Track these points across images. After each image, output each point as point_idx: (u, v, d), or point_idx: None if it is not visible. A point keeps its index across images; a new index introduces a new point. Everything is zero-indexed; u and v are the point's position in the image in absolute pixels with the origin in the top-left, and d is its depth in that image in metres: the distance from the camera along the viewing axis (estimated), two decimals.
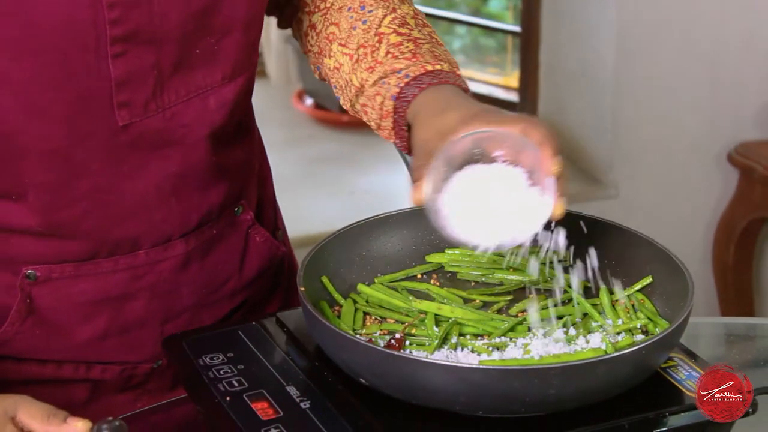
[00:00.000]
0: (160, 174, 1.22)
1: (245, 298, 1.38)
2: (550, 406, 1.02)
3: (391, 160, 3.27)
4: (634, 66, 3.03)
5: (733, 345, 1.56)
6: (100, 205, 1.20)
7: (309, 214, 3.04)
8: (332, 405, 1.06)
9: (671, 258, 1.16)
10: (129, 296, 1.27)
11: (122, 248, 1.24)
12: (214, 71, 1.21)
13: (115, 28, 1.11)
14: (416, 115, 1.19)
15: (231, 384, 1.09)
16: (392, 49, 1.25)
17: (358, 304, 1.20)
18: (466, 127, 1.10)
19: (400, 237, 1.27)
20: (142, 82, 1.15)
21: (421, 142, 1.15)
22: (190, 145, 1.22)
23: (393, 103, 1.22)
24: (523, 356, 1.08)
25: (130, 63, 1.14)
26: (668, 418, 1.05)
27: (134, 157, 1.19)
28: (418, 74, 1.21)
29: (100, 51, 1.11)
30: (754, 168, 2.97)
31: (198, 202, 1.27)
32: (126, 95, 1.15)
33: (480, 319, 1.16)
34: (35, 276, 1.21)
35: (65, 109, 1.13)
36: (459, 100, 1.17)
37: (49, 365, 1.28)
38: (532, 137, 1.07)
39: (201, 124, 1.22)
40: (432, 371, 1.01)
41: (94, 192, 1.19)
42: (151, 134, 1.19)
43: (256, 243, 1.37)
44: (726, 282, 3.13)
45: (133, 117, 1.16)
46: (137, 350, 1.31)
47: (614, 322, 1.15)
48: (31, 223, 1.19)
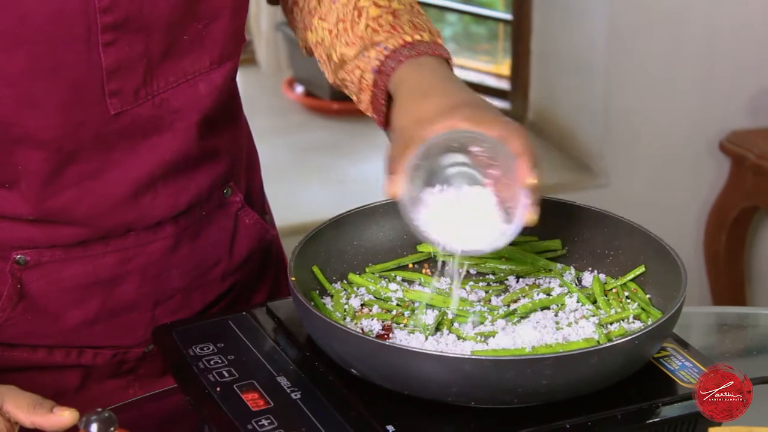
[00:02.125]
0: (151, 160, 1.21)
1: (234, 282, 1.38)
2: (543, 396, 1.02)
3: (382, 148, 3.27)
4: (625, 54, 3.03)
5: (725, 334, 1.56)
6: (90, 192, 1.20)
7: (299, 203, 3.04)
8: (323, 395, 1.05)
9: (664, 247, 1.16)
10: (119, 279, 1.26)
11: (113, 233, 1.24)
12: (203, 57, 1.21)
13: (106, 16, 1.11)
14: (396, 93, 1.18)
15: (221, 374, 1.09)
16: (371, 22, 1.24)
17: (349, 294, 1.19)
18: (445, 120, 1.08)
19: (391, 226, 1.26)
20: (132, 70, 1.15)
21: (399, 128, 1.14)
22: (180, 131, 1.22)
23: (373, 76, 1.21)
24: (515, 345, 1.08)
25: (120, 51, 1.13)
26: (661, 409, 1.04)
27: (125, 144, 1.19)
28: (398, 47, 1.20)
29: (92, 40, 1.11)
30: (746, 156, 2.97)
31: (186, 184, 1.27)
32: (117, 83, 1.15)
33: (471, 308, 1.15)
34: (25, 261, 1.21)
35: (58, 98, 1.13)
36: (440, 84, 1.16)
37: (41, 350, 1.28)
38: (510, 146, 1.06)
39: (191, 110, 1.22)
40: (423, 361, 1.00)
41: (85, 179, 1.19)
42: (141, 121, 1.19)
43: (245, 225, 1.37)
44: (717, 271, 3.13)
45: (123, 105, 1.16)
46: (128, 334, 1.31)
47: (607, 311, 1.14)
48: (23, 211, 1.19)
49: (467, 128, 1.07)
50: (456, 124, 1.08)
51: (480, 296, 1.18)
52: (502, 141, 1.06)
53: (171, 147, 1.22)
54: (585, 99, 3.13)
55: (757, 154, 2.95)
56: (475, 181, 1.09)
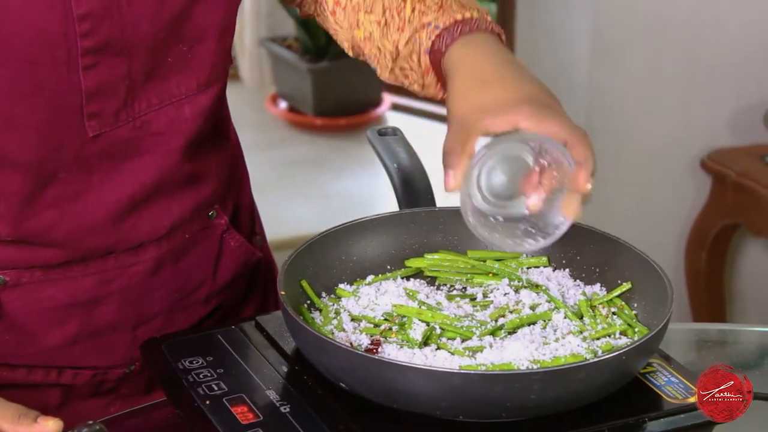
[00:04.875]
0: (132, 183, 1.20)
1: (219, 303, 1.38)
2: (531, 411, 1.02)
3: (366, 163, 3.27)
4: (608, 73, 3.04)
5: (705, 351, 1.57)
6: (69, 215, 1.18)
7: (283, 218, 3.04)
8: (312, 409, 1.06)
9: (651, 264, 1.17)
10: (99, 301, 1.25)
11: (93, 255, 1.23)
12: (189, 79, 1.20)
13: (86, 40, 1.10)
14: (453, 76, 1.16)
15: (210, 388, 1.09)
16: (417, 4, 1.23)
17: (338, 308, 1.20)
18: (508, 115, 1.07)
19: (379, 241, 1.26)
20: (113, 93, 1.14)
21: (458, 115, 1.11)
22: (162, 154, 1.21)
23: (428, 57, 1.19)
24: (502, 360, 1.08)
25: (101, 74, 1.12)
26: (648, 424, 1.05)
27: (105, 166, 1.18)
28: (448, 24, 1.19)
29: (72, 63, 1.10)
30: (727, 174, 2.99)
31: (168, 208, 1.26)
32: (96, 105, 1.14)
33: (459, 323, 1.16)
34: (4, 281, 1.20)
35: (37, 120, 1.12)
36: (500, 70, 1.14)
37: (20, 370, 1.27)
38: (574, 152, 1.06)
39: (174, 133, 1.21)
40: (412, 376, 1.01)
41: (65, 201, 1.18)
42: (121, 143, 1.17)
43: (230, 248, 1.35)
44: (698, 288, 3.14)
45: (102, 127, 1.15)
46: (109, 355, 1.30)
47: (594, 327, 1.15)
48: (2, 232, 1.17)
49: (530, 127, 1.07)
50: (519, 121, 1.07)
51: (467, 311, 1.19)
52: (567, 145, 1.06)
53: (152, 170, 1.21)
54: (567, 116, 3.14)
55: (738, 172, 2.96)
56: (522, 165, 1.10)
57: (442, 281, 1.25)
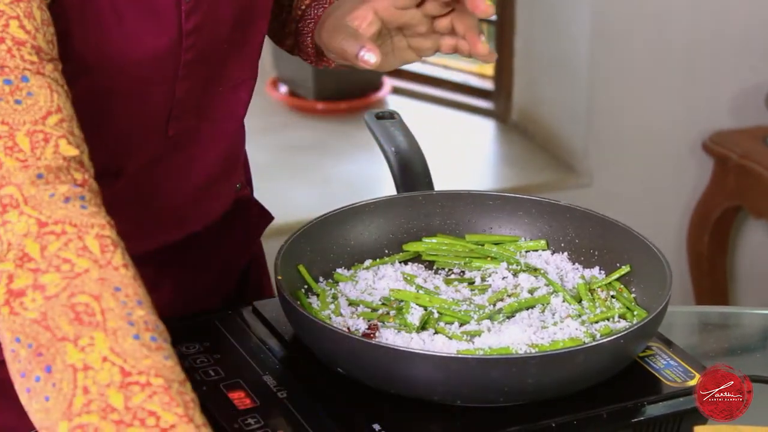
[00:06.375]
0: (195, 172, 1.22)
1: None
2: (529, 395, 1.02)
3: (367, 148, 3.26)
4: (609, 54, 3.03)
5: (708, 334, 1.56)
6: (139, 210, 1.20)
7: (284, 203, 3.03)
8: (309, 394, 1.06)
9: (649, 247, 1.16)
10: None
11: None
12: (244, 62, 1.22)
13: (188, 53, 1.12)
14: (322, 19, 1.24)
15: (207, 373, 1.09)
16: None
17: (335, 293, 1.19)
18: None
19: (377, 225, 1.26)
20: (195, 94, 1.17)
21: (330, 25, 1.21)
22: (221, 139, 1.23)
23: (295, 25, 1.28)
24: (500, 345, 1.08)
25: (192, 81, 1.15)
26: (647, 407, 1.05)
27: (173, 158, 1.20)
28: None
29: (174, 76, 1.13)
30: (729, 157, 2.98)
31: (219, 193, 1.28)
32: (181, 109, 1.16)
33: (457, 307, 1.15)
34: None
35: (130, 129, 1.14)
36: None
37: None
38: None
39: (232, 117, 1.24)
40: (410, 360, 1.01)
41: (135, 196, 1.19)
42: (189, 134, 1.20)
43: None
44: (700, 271, 3.14)
45: (181, 126, 1.18)
46: None
47: (592, 310, 1.15)
48: None
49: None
50: (376, 4, 1.16)
51: (465, 295, 1.18)
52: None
53: (213, 156, 1.24)
54: (568, 99, 3.14)
55: (740, 154, 2.96)
56: None
57: (440, 265, 1.25)
